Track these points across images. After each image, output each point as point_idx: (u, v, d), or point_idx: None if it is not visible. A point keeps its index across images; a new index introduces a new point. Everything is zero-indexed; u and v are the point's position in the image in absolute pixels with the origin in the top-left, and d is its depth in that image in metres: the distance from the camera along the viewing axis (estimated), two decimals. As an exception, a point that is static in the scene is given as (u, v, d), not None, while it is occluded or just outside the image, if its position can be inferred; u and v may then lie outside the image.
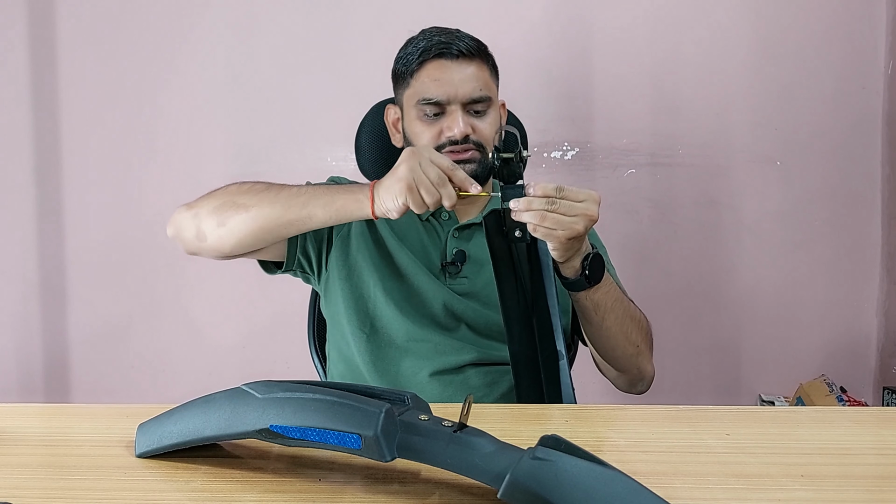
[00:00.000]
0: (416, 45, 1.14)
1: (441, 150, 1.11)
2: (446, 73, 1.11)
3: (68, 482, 0.65)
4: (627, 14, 2.02)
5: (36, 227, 2.13)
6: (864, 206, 2.03)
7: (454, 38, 1.13)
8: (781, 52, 2.01)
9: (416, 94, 1.12)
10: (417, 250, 1.16)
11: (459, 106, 1.10)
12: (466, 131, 1.10)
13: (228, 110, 2.08)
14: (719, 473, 0.66)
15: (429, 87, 1.11)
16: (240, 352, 2.11)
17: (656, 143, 2.02)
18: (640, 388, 1.16)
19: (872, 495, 0.64)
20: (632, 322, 1.08)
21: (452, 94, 1.10)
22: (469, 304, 1.12)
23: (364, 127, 1.32)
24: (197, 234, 1.07)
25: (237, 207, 1.03)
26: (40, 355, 2.15)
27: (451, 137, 1.10)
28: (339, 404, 0.60)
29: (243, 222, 1.02)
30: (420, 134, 1.13)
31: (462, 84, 1.10)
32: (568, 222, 0.91)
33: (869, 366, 2.07)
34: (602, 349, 1.10)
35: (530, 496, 0.53)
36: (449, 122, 1.11)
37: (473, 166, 1.11)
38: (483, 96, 1.12)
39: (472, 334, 1.12)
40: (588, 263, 0.98)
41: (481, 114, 1.13)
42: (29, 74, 2.09)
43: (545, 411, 0.89)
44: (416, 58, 1.12)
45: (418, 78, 1.12)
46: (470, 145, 1.11)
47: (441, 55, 1.11)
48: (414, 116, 1.13)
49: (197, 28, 2.07)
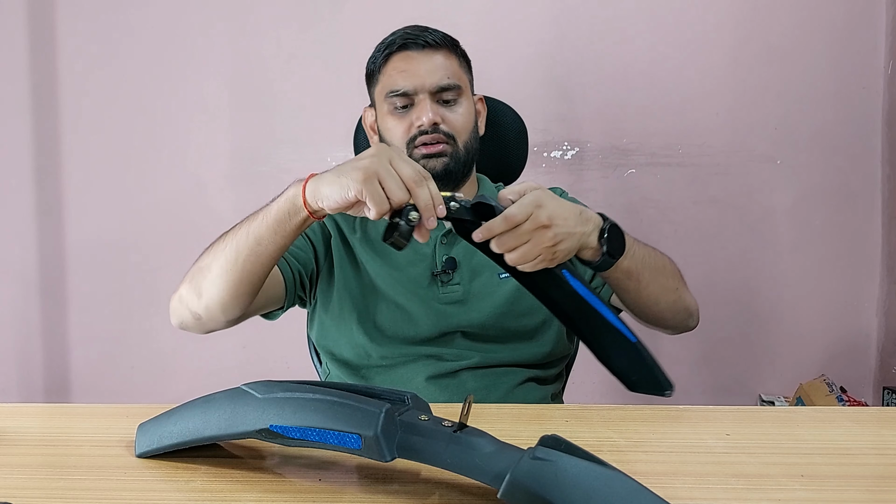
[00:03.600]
0: (381, 44, 1.15)
1: (413, 142, 1.10)
2: (412, 63, 1.10)
3: (68, 482, 0.65)
4: (628, 14, 2.01)
5: (36, 226, 2.13)
6: (864, 206, 2.03)
7: (420, 31, 1.13)
8: (781, 51, 2.01)
9: (384, 88, 1.12)
10: (402, 265, 1.13)
11: (427, 95, 1.10)
12: (435, 119, 1.09)
13: (228, 110, 2.08)
14: (719, 473, 0.66)
15: (395, 79, 1.10)
16: (240, 352, 2.10)
17: (656, 143, 2.02)
18: (691, 324, 1.12)
19: (872, 495, 0.64)
20: (664, 270, 1.02)
21: (420, 84, 1.09)
22: (463, 311, 1.11)
23: (362, 127, 1.32)
24: (192, 315, 1.02)
25: (202, 272, 0.97)
26: (40, 355, 2.15)
27: (420, 127, 1.09)
28: (339, 404, 0.60)
29: (213, 284, 0.96)
30: (392, 129, 1.12)
31: (429, 74, 1.10)
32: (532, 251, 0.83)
33: (869, 366, 2.07)
34: (646, 311, 1.04)
35: (530, 496, 0.53)
36: (417, 113, 1.10)
37: (445, 160, 1.10)
38: (451, 84, 1.11)
39: (468, 340, 1.11)
40: (606, 238, 0.90)
41: (451, 103, 1.12)
42: (29, 75, 2.09)
43: (545, 411, 0.89)
44: (382, 52, 1.13)
45: (385, 72, 1.12)
46: (440, 135, 1.09)
47: (405, 47, 1.11)
48: (385, 111, 1.13)
49: (197, 28, 2.07)
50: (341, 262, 1.14)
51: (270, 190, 2.30)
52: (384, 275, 1.12)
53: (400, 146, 1.11)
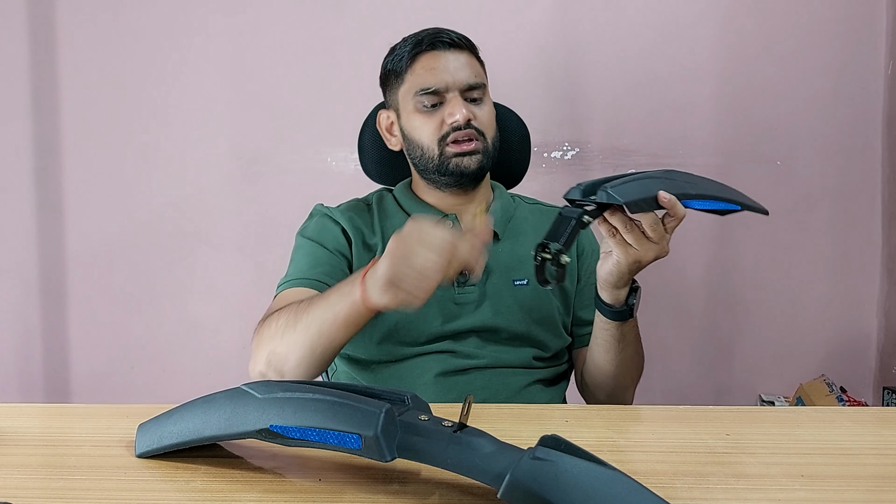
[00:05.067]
0: (404, 44, 1.15)
1: (445, 139, 1.10)
2: (441, 61, 1.11)
3: (68, 482, 0.65)
4: (628, 14, 2.02)
5: (36, 226, 2.13)
6: (864, 206, 2.03)
7: (442, 31, 1.14)
8: (782, 52, 2.01)
9: (412, 87, 1.12)
10: None
11: (458, 92, 1.11)
12: (469, 115, 1.10)
13: (229, 110, 2.08)
14: (719, 473, 0.66)
15: (425, 78, 1.11)
16: (240, 352, 2.10)
17: (656, 143, 2.02)
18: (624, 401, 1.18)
19: (872, 495, 0.64)
20: (637, 357, 1.11)
21: (450, 81, 1.10)
22: (478, 312, 1.12)
23: (367, 127, 1.31)
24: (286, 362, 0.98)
25: (280, 359, 0.96)
26: (40, 355, 2.15)
27: (453, 124, 1.10)
28: (339, 404, 0.60)
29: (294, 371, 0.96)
30: (420, 127, 1.12)
31: (458, 71, 1.11)
32: (645, 244, 0.91)
33: (869, 366, 2.07)
34: (605, 377, 1.11)
35: (530, 496, 0.53)
36: (450, 109, 1.10)
37: (479, 157, 1.12)
38: (479, 83, 1.13)
39: (479, 341, 1.12)
40: (635, 295, 1.00)
41: (478, 101, 1.13)
42: (29, 75, 2.09)
43: (545, 411, 0.89)
44: (408, 52, 1.13)
45: (413, 71, 1.12)
46: (472, 132, 1.11)
47: (434, 46, 1.12)
48: (412, 110, 1.13)
49: (197, 28, 2.07)
50: (361, 264, 1.14)
51: (270, 190, 2.31)
52: None
53: (430, 144, 1.12)
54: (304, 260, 1.13)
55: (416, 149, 1.14)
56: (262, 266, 2.04)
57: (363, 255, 1.14)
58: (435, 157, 1.12)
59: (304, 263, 1.12)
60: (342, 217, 1.16)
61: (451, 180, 1.13)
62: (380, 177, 1.34)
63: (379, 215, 1.19)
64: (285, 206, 2.02)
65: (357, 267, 1.14)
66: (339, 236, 1.15)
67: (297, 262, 1.13)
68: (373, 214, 1.19)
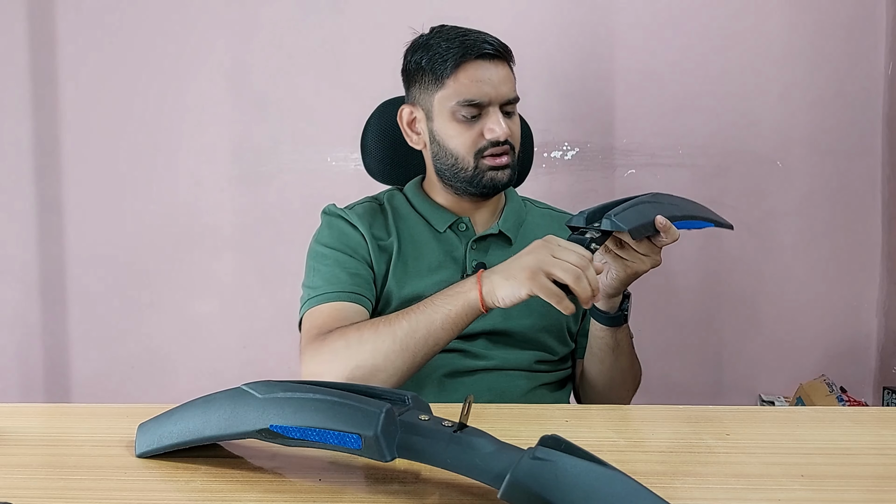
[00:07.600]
0: (446, 44, 1.11)
1: (483, 152, 1.11)
2: (486, 73, 1.10)
3: (68, 482, 0.65)
4: (628, 14, 2.01)
5: (36, 226, 2.13)
6: (864, 206, 2.03)
7: (486, 38, 1.12)
8: (781, 52, 2.01)
9: (454, 95, 1.10)
10: (434, 267, 1.14)
11: (497, 107, 1.11)
12: (508, 132, 1.11)
13: (229, 110, 2.08)
14: (719, 473, 0.66)
15: (470, 89, 1.09)
16: (240, 352, 2.11)
17: (656, 143, 2.02)
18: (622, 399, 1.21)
19: (872, 495, 0.64)
20: (632, 369, 1.14)
21: (494, 96, 1.10)
22: (488, 316, 1.11)
23: (370, 126, 1.31)
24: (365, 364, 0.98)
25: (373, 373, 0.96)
26: (40, 355, 2.15)
27: (493, 139, 1.10)
28: (340, 404, 0.60)
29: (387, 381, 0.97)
30: (456, 137, 1.11)
31: (500, 85, 1.10)
32: (640, 258, 0.98)
33: (869, 366, 2.07)
34: (601, 388, 1.15)
35: (530, 496, 0.53)
36: (490, 124, 1.10)
37: (509, 171, 1.13)
38: (516, 98, 1.14)
39: (489, 343, 1.13)
40: (628, 301, 1.06)
41: (511, 115, 1.14)
42: (29, 75, 2.09)
43: (545, 411, 0.89)
44: (452, 58, 1.10)
45: (457, 79, 1.10)
46: (507, 147, 1.12)
47: (481, 56, 1.10)
48: (448, 117, 1.12)
49: (197, 28, 2.07)
50: (379, 267, 1.14)
51: (270, 190, 2.31)
52: (417, 284, 1.13)
53: (465, 155, 1.12)
54: (334, 271, 1.12)
55: (449, 157, 1.13)
56: (263, 266, 2.04)
57: (379, 259, 1.14)
58: (469, 169, 1.12)
59: (336, 275, 1.11)
60: (360, 222, 1.16)
61: (481, 191, 1.14)
62: (384, 176, 1.33)
63: (392, 216, 1.19)
64: (285, 205, 2.02)
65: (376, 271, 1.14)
66: (360, 242, 1.15)
67: (326, 274, 1.12)
68: (386, 215, 1.19)
